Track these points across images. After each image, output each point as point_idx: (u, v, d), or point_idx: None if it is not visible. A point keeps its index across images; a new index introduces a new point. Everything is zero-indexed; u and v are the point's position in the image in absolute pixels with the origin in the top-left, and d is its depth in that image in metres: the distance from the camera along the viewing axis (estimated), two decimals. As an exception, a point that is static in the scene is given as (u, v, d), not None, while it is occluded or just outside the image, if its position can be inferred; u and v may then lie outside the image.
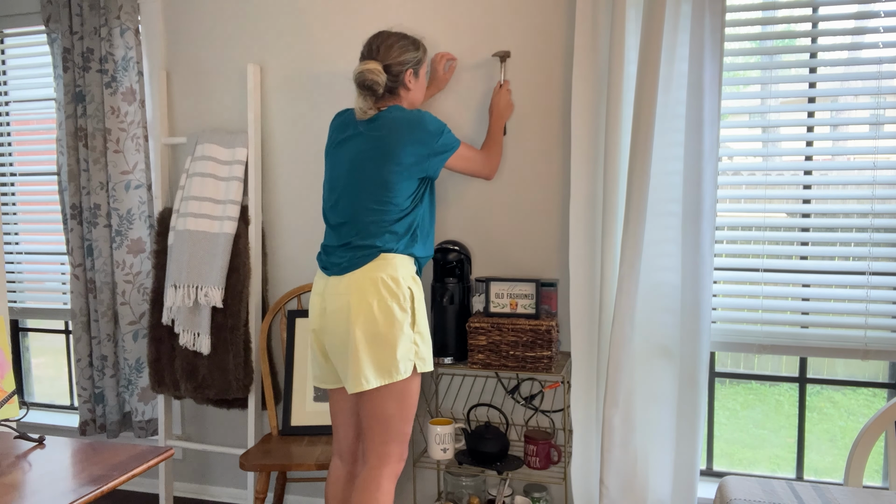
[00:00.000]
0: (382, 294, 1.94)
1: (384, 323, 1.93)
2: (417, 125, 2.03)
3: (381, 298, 1.94)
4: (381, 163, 2.01)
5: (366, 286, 1.95)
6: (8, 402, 1.72)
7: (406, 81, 2.10)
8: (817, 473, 2.63)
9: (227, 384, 2.63)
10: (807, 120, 2.28)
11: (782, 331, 2.33)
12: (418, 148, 2.03)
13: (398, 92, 2.11)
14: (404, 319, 1.96)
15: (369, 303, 1.93)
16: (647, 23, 2.14)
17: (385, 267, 1.97)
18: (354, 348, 1.93)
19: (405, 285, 1.98)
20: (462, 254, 2.42)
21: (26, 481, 1.43)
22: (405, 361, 1.96)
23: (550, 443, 2.34)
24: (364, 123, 2.07)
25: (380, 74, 2.03)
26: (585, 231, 2.31)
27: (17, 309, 3.29)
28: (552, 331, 2.24)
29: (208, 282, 2.58)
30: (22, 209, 3.24)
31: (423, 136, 2.04)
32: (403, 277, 1.99)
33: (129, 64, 2.79)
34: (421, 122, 2.04)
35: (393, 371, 1.94)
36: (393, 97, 2.11)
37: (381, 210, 2.00)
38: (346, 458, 2.17)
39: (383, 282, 1.95)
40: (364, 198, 2.02)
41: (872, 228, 2.23)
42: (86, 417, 2.95)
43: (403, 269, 2.01)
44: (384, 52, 2.06)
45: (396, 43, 2.08)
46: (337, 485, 2.16)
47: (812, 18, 2.23)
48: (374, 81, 2.02)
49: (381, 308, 1.93)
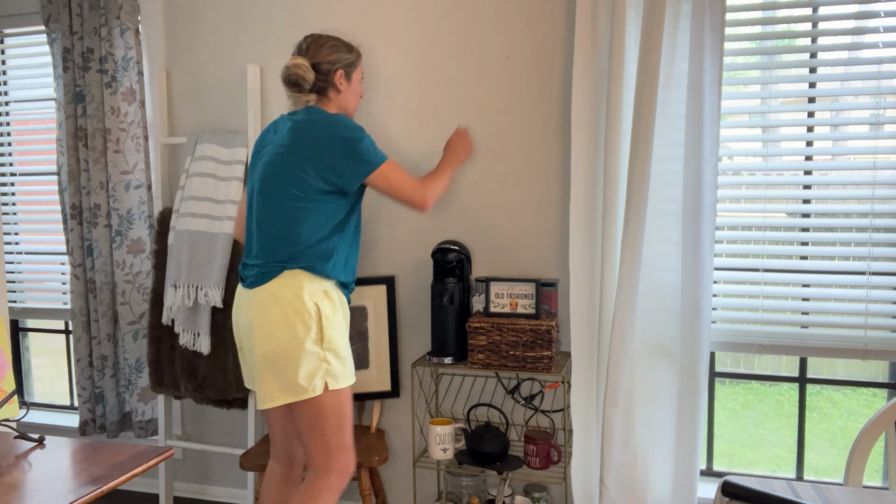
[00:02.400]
0: (285, 310, 1.89)
1: (285, 340, 1.88)
2: (330, 127, 1.94)
3: (283, 315, 1.89)
4: (290, 170, 1.94)
5: (267, 302, 1.90)
6: (8, 402, 1.72)
7: (336, 82, 2.05)
8: (817, 473, 2.63)
9: (227, 384, 2.63)
10: (807, 120, 2.28)
11: (782, 331, 2.33)
12: (331, 150, 1.93)
13: (328, 93, 2.05)
14: (306, 336, 1.88)
15: (270, 319, 1.89)
16: (647, 23, 2.14)
17: (290, 284, 1.91)
18: (258, 365, 1.92)
19: (310, 302, 1.90)
20: (462, 254, 2.42)
21: (26, 481, 1.43)
22: (311, 379, 1.89)
23: (550, 443, 2.34)
24: (284, 121, 2.02)
25: (307, 71, 1.98)
26: (585, 231, 2.31)
27: (17, 309, 3.29)
28: (552, 331, 2.24)
29: (208, 282, 2.58)
30: (22, 209, 3.24)
31: (337, 138, 1.93)
32: (310, 294, 1.91)
33: (129, 64, 2.79)
34: (335, 125, 1.94)
35: (298, 389, 1.88)
36: (322, 99, 2.06)
37: (289, 223, 1.93)
38: (280, 460, 2.16)
39: (286, 298, 1.89)
40: (272, 208, 1.95)
41: (872, 228, 2.23)
42: (86, 417, 2.95)
43: (311, 285, 1.92)
44: (313, 51, 2.03)
45: (327, 42, 2.05)
46: (270, 484, 2.15)
47: (812, 18, 2.23)
48: (299, 76, 1.98)
49: (282, 325, 1.88)
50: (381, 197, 2.65)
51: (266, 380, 1.91)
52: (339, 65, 2.05)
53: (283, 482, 2.15)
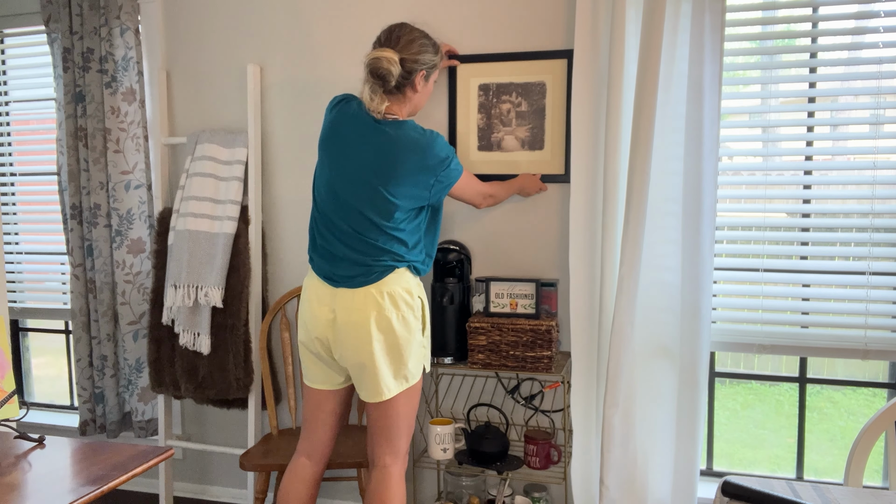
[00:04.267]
0: (400, 307, 1.97)
1: (403, 335, 1.97)
2: (429, 150, 1.96)
3: (399, 311, 1.97)
4: (386, 180, 1.95)
5: (384, 300, 1.96)
6: (8, 402, 1.72)
7: (416, 83, 2.01)
8: (817, 473, 2.63)
9: (227, 384, 2.63)
10: (807, 120, 2.28)
11: (782, 331, 2.33)
12: (425, 175, 1.97)
13: (405, 91, 2.01)
14: (417, 328, 2.02)
15: (388, 316, 1.95)
16: (647, 23, 2.14)
17: (398, 280, 1.98)
18: (373, 361, 1.95)
19: (417, 296, 2.02)
20: (462, 254, 2.42)
21: (26, 481, 1.43)
22: (418, 365, 2.04)
23: (550, 443, 2.34)
24: (374, 128, 1.98)
25: (395, 65, 1.92)
26: (585, 231, 2.31)
27: (17, 309, 3.29)
28: (552, 331, 2.24)
29: (208, 282, 2.58)
30: (22, 209, 3.24)
31: (432, 163, 1.98)
32: (416, 287, 2.03)
33: (129, 64, 2.79)
34: (432, 147, 1.97)
35: (409, 377, 2.01)
36: (398, 95, 2.01)
37: (386, 226, 1.97)
38: (315, 459, 2.14)
39: (400, 296, 1.97)
40: (368, 211, 1.97)
41: (872, 228, 2.23)
42: (86, 417, 2.95)
43: (414, 280, 2.03)
44: (404, 45, 1.95)
45: (419, 39, 1.98)
46: (302, 483, 2.12)
47: (812, 18, 2.23)
48: (388, 71, 1.91)
49: (400, 321, 1.97)
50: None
51: (380, 374, 1.96)
52: (424, 66, 2.00)
53: (316, 483, 2.14)
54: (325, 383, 2.11)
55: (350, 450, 2.37)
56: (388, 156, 1.95)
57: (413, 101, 2.06)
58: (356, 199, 1.97)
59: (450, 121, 2.54)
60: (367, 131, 1.98)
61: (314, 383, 2.12)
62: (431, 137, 1.98)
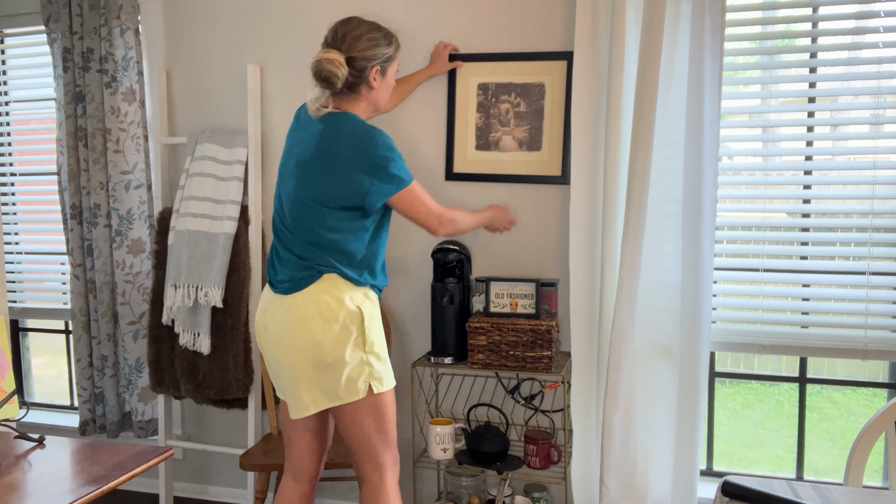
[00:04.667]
0: (325, 317, 1.82)
1: (327, 347, 1.81)
2: (365, 144, 1.83)
3: (324, 322, 1.81)
4: (319, 173, 1.84)
5: (307, 310, 1.83)
6: (8, 402, 1.72)
7: (370, 79, 1.88)
8: (817, 473, 2.63)
9: (227, 384, 2.63)
10: (807, 120, 2.28)
11: (782, 331, 2.33)
12: (357, 170, 1.83)
13: (359, 90, 1.89)
14: (348, 341, 1.83)
15: (310, 327, 1.81)
16: (647, 23, 2.14)
17: (327, 289, 1.84)
18: (294, 374, 1.85)
19: (351, 305, 1.84)
20: (462, 254, 2.42)
21: (26, 481, 1.43)
22: (355, 383, 1.84)
23: (550, 443, 2.34)
24: (313, 123, 1.88)
25: (340, 67, 1.81)
26: (585, 231, 2.31)
27: (17, 309, 3.29)
28: (552, 331, 2.24)
29: (208, 282, 2.58)
30: (22, 209, 3.24)
31: (369, 159, 1.83)
32: (350, 298, 1.85)
33: (129, 64, 2.79)
34: (370, 143, 1.83)
35: (342, 394, 1.84)
36: (352, 95, 1.90)
37: (320, 227, 1.85)
38: (300, 478, 2.04)
39: (326, 304, 1.82)
40: (306, 212, 1.86)
41: (872, 228, 2.23)
42: (86, 417, 2.95)
43: (349, 289, 1.86)
44: (350, 43, 1.84)
45: (366, 34, 1.86)
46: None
47: (812, 18, 2.23)
48: (331, 73, 1.81)
49: (324, 332, 1.81)
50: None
51: (300, 389, 1.85)
52: (377, 61, 1.88)
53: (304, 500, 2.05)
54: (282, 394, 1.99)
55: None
56: (322, 146, 1.85)
57: (371, 99, 1.94)
58: (294, 192, 1.88)
59: (448, 119, 2.54)
60: (311, 124, 1.90)
61: (283, 397, 1.97)
62: (371, 132, 1.85)
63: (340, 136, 1.84)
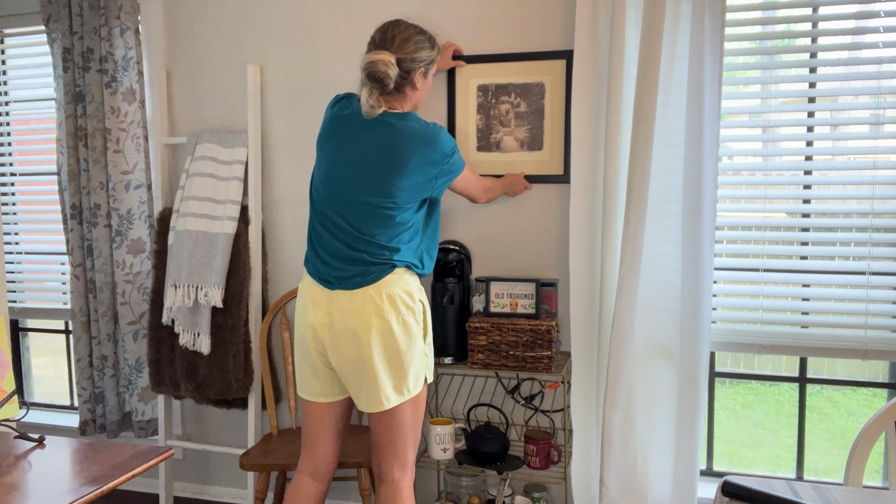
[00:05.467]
0: (401, 310, 1.88)
1: (403, 340, 1.88)
2: (433, 143, 1.91)
3: (399, 315, 1.88)
4: (388, 173, 1.89)
5: (383, 303, 1.87)
6: (8, 402, 1.72)
7: (415, 80, 1.95)
8: (817, 473, 2.63)
9: (227, 384, 2.63)
10: (807, 120, 2.28)
11: (782, 331, 2.33)
12: (429, 168, 1.92)
13: (405, 90, 1.96)
14: (419, 334, 1.93)
15: (387, 320, 1.86)
16: (647, 23, 2.14)
17: (398, 282, 1.90)
18: (372, 368, 1.87)
19: (418, 299, 1.94)
20: (462, 254, 2.42)
21: (26, 481, 1.43)
22: (419, 375, 1.95)
23: (550, 443, 2.34)
24: (377, 121, 1.92)
25: (392, 67, 1.87)
26: (585, 231, 2.31)
27: (17, 309, 3.29)
28: (552, 331, 2.24)
29: (208, 282, 2.58)
30: (22, 209, 3.24)
31: (437, 156, 1.92)
32: (417, 290, 1.95)
33: (129, 64, 2.79)
34: (437, 140, 1.92)
35: (411, 386, 1.92)
36: (399, 95, 1.96)
37: (388, 223, 1.90)
38: (319, 477, 2.04)
39: (400, 298, 1.89)
40: (368, 205, 1.90)
41: (872, 228, 2.23)
42: (86, 417, 2.95)
43: (414, 282, 1.96)
44: (399, 44, 1.90)
45: (414, 37, 1.93)
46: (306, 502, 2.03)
47: (812, 18, 2.23)
48: (385, 74, 1.86)
49: (401, 325, 1.88)
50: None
51: (380, 382, 1.87)
52: (422, 64, 1.95)
53: (319, 501, 2.05)
54: (324, 395, 2.01)
55: (350, 450, 2.37)
56: (392, 147, 1.89)
57: (413, 99, 2.01)
58: (355, 193, 1.91)
59: (449, 121, 2.54)
60: (370, 123, 1.93)
61: (312, 396, 2.01)
62: (436, 130, 1.94)
63: (406, 135, 1.90)
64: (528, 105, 2.46)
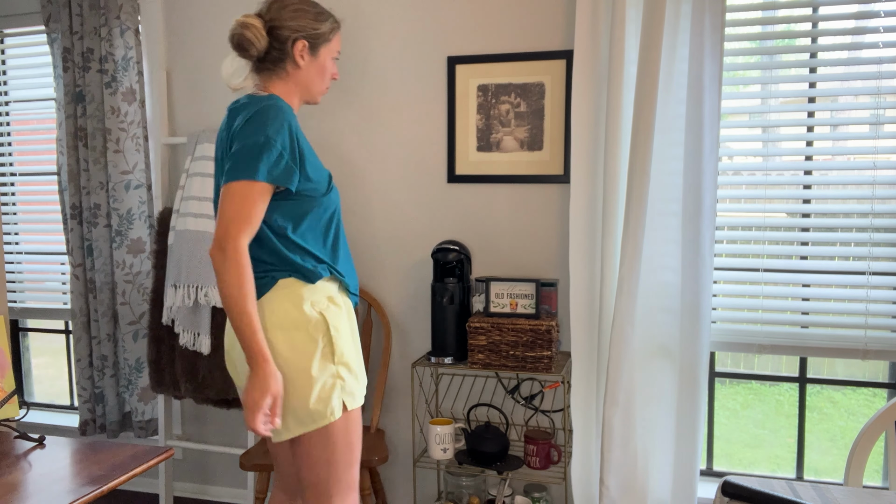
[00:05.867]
0: (285, 327, 1.59)
1: (293, 361, 1.58)
2: (253, 116, 1.56)
3: (285, 332, 1.59)
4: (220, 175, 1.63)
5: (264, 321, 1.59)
6: (8, 402, 1.72)
7: (296, 55, 1.66)
8: (817, 473, 2.63)
9: (227, 384, 2.63)
10: (807, 120, 2.28)
11: (782, 331, 2.33)
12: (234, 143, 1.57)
13: (285, 66, 1.67)
14: (315, 353, 1.59)
15: (271, 340, 1.58)
16: (647, 23, 2.14)
17: (287, 295, 1.61)
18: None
19: (313, 311, 1.61)
20: (462, 254, 2.42)
21: (26, 481, 1.43)
22: (326, 402, 1.60)
23: (550, 443, 2.34)
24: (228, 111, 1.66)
25: (257, 32, 1.62)
26: (586, 231, 2.32)
27: (17, 309, 3.29)
28: (552, 331, 2.24)
29: (208, 281, 2.58)
30: (22, 209, 3.24)
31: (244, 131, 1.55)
32: (313, 303, 1.62)
33: (129, 64, 2.79)
34: (260, 114, 1.56)
35: (315, 416, 1.59)
36: (276, 70, 1.68)
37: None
38: (290, 491, 1.88)
39: (285, 312, 1.60)
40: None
41: (872, 228, 2.23)
42: (86, 417, 2.95)
43: (310, 293, 1.63)
44: (274, 11, 1.66)
45: (293, 4, 1.67)
46: None
47: (812, 18, 2.23)
48: (245, 39, 1.62)
49: (287, 344, 1.58)
50: (380, 195, 2.65)
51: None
52: (302, 34, 1.66)
53: None
54: None
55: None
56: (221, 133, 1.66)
57: (300, 81, 1.70)
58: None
59: (448, 122, 2.54)
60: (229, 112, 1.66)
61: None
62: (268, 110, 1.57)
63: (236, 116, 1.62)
64: (527, 105, 2.46)
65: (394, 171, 2.63)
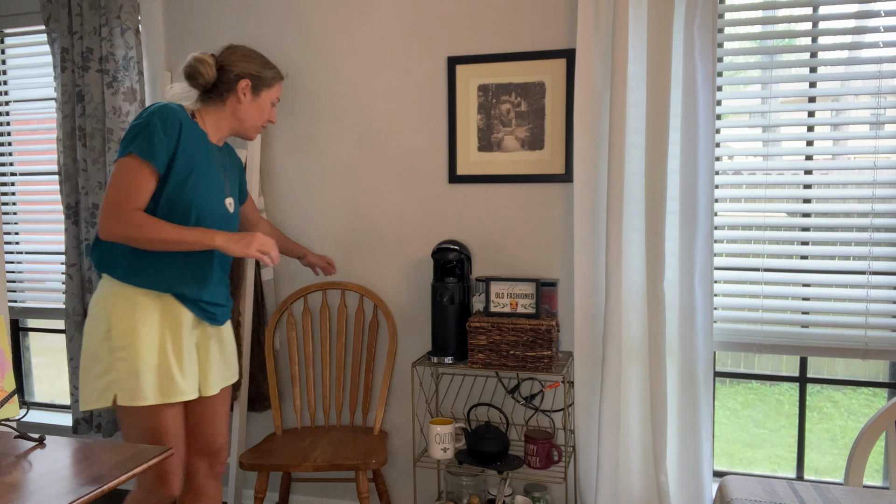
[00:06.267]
0: (89, 313, 1.88)
1: (84, 344, 1.87)
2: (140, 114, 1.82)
3: (88, 320, 1.87)
4: None
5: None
6: (8, 402, 1.72)
7: (240, 91, 1.93)
8: (818, 473, 2.63)
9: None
10: (807, 120, 2.28)
11: (782, 330, 2.33)
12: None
13: (226, 98, 1.93)
14: (99, 345, 1.84)
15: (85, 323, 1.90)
16: (647, 22, 2.14)
17: (101, 286, 1.89)
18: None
19: (105, 302, 1.84)
20: (462, 253, 2.42)
21: (26, 481, 1.43)
22: (98, 390, 1.83)
23: (551, 442, 2.34)
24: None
25: (208, 67, 1.88)
26: (589, 230, 2.32)
27: (17, 309, 3.29)
28: (552, 330, 2.24)
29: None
30: (22, 209, 3.24)
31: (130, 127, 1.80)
32: (109, 295, 1.85)
33: (130, 64, 2.79)
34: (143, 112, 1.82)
35: (89, 396, 1.85)
36: (217, 102, 1.94)
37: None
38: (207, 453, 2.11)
39: (92, 303, 1.88)
40: None
41: (872, 228, 2.23)
42: (79, 416, 2.95)
43: (109, 284, 1.86)
44: (226, 55, 1.94)
45: (244, 51, 1.96)
46: None
47: (812, 18, 2.23)
48: (196, 70, 1.87)
49: (85, 327, 1.88)
50: (379, 196, 2.65)
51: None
52: (247, 75, 1.93)
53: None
54: None
55: (349, 451, 2.38)
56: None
57: (238, 114, 1.96)
58: None
59: (449, 122, 2.54)
60: None
61: None
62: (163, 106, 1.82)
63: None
64: (528, 104, 2.46)
65: (395, 172, 2.63)
